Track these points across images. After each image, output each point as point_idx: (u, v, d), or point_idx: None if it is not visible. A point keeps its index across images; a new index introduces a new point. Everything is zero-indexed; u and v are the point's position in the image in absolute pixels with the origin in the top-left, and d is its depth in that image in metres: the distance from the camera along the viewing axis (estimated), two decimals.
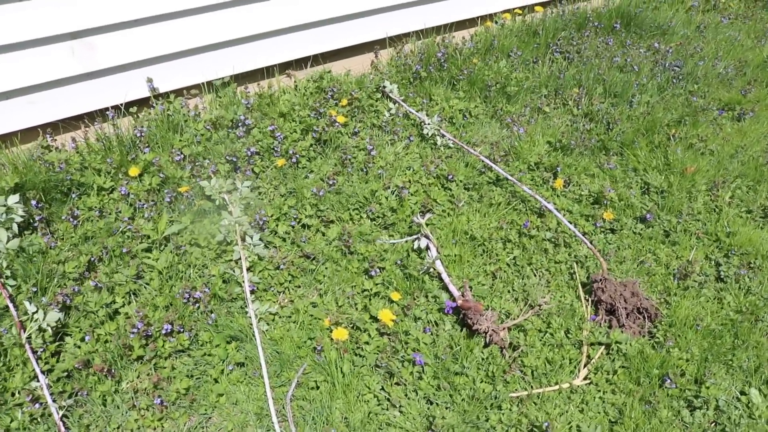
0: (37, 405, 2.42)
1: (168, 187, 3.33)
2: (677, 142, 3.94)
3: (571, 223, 3.37)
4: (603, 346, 2.80)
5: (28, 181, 3.19)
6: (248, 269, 2.97)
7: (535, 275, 3.13)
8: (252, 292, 2.89)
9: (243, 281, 2.87)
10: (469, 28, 4.84)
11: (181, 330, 2.68)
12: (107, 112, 3.54)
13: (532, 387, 2.63)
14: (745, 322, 2.92)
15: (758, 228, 3.46)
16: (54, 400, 2.45)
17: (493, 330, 2.74)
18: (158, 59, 3.62)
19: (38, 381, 2.50)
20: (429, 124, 3.79)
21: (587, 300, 3.01)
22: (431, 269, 3.01)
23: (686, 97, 4.40)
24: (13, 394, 2.47)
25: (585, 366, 2.73)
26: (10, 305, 2.68)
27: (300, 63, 4.17)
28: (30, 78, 3.29)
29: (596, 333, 2.83)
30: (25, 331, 2.60)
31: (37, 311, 2.63)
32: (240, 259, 2.96)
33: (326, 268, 3.04)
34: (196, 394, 2.52)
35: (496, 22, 4.89)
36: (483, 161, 3.56)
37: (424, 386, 2.58)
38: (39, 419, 2.42)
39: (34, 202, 3.12)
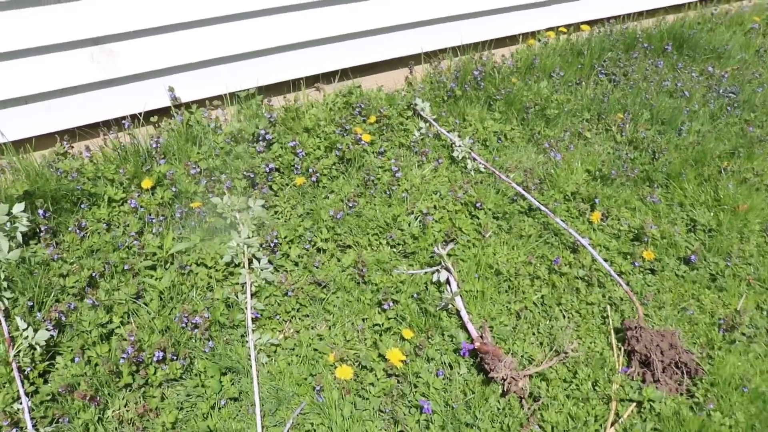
0: (14, 430, 2.27)
1: (180, 201, 3.18)
2: (729, 176, 3.64)
3: (606, 261, 3.10)
4: (634, 403, 2.53)
5: (38, 188, 3.07)
6: (254, 294, 2.80)
7: (564, 317, 2.88)
8: (255, 319, 2.71)
9: (246, 308, 2.68)
10: (509, 45, 4.61)
11: (175, 357, 2.51)
12: (123, 122, 3.41)
13: None
14: None
15: None
16: (34, 425, 2.30)
17: (512, 378, 2.50)
18: (180, 68, 3.50)
19: (21, 403, 2.35)
20: (460, 146, 3.57)
21: (620, 349, 2.75)
22: (449, 305, 2.78)
23: (741, 126, 4.09)
24: None
25: (612, 425, 2.46)
26: (2, 320, 2.55)
27: (329, 76, 4.00)
28: (48, 83, 3.19)
29: (627, 387, 2.56)
30: (13, 348, 2.47)
31: (27, 328, 2.49)
32: (246, 283, 2.78)
33: (337, 298, 2.84)
34: (183, 428, 2.34)
35: (539, 41, 4.64)
36: (515, 188, 3.32)
37: None
38: None
39: (41, 212, 3.01)
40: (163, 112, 3.60)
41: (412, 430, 2.39)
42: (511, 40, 4.58)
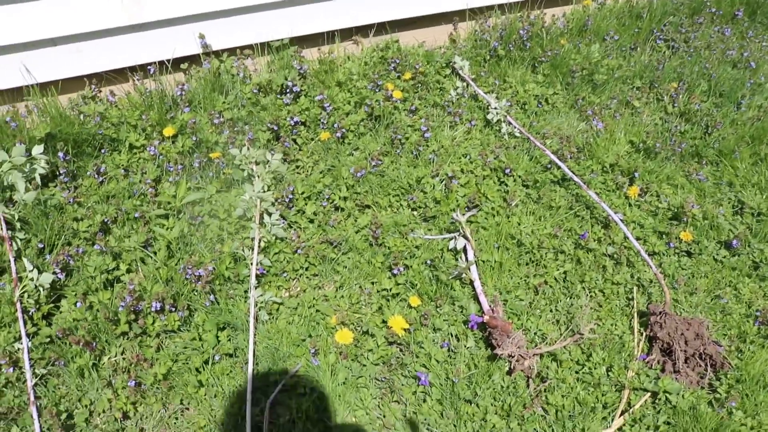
0: (12, 369, 2.28)
1: (200, 151, 3.11)
2: None
3: (639, 239, 2.91)
4: (648, 394, 2.36)
5: (60, 131, 3.05)
6: (263, 250, 2.72)
7: (586, 296, 2.71)
8: (261, 275, 2.64)
9: (251, 263, 2.61)
10: (563, 5, 4.34)
11: (173, 309, 2.46)
12: (149, 68, 3.35)
13: (552, 430, 2.25)
14: None
15: None
16: (32, 366, 2.31)
17: (520, 355, 2.37)
18: (211, 15, 3.40)
19: (21, 343, 2.36)
20: (495, 108, 3.39)
21: (641, 334, 2.57)
22: (464, 275, 2.65)
23: None
24: None
25: (621, 414, 2.31)
26: (12, 260, 2.56)
27: (367, 30, 3.84)
28: (77, 26, 3.15)
29: (643, 376, 2.40)
30: (19, 289, 2.46)
31: (33, 270, 2.48)
32: (255, 237, 2.71)
33: (348, 259, 2.75)
34: (175, 380, 2.31)
35: (596, 1, 4.36)
36: (548, 156, 3.13)
37: (426, 410, 2.26)
38: (13, 383, 2.29)
39: (61, 155, 2.99)
40: (193, 60, 3.53)
41: (407, 402, 2.29)
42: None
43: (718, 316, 2.66)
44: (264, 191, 2.86)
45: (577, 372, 2.43)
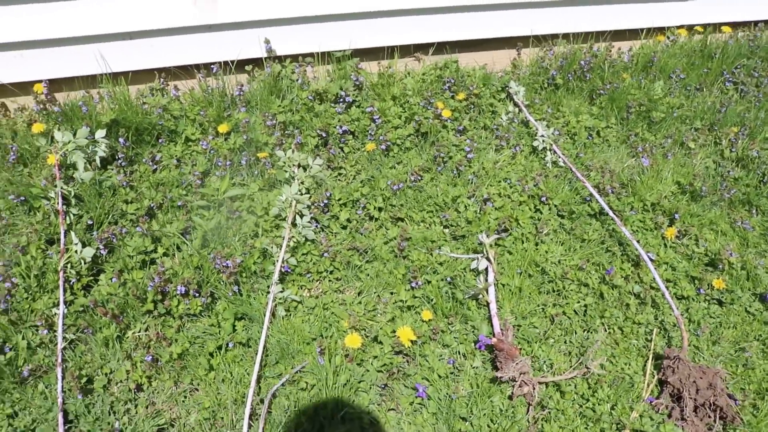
0: (46, 331, 2.47)
1: (249, 149, 3.26)
2: None
3: (669, 281, 2.86)
4: None
5: (125, 119, 3.26)
6: (293, 250, 2.83)
7: (604, 331, 2.69)
8: (286, 273, 2.75)
9: (277, 260, 2.73)
10: (630, 39, 4.29)
11: (197, 294, 2.59)
12: (212, 66, 3.53)
13: None
14: None
15: None
16: (64, 330, 2.48)
17: (523, 381, 2.38)
18: (276, 21, 3.56)
19: (58, 309, 2.54)
20: (543, 135, 3.40)
21: (653, 377, 2.53)
22: (480, 296, 2.68)
23: None
24: (34, 315, 2.53)
25: None
26: (62, 233, 2.75)
27: (427, 48, 3.92)
28: (152, 22, 3.36)
29: (646, 418, 2.36)
30: (63, 260, 2.66)
31: (77, 243, 2.67)
32: (285, 236, 2.82)
33: (372, 268, 2.82)
34: (189, 362, 2.44)
35: (668, 38, 4.29)
36: (588, 188, 3.12)
37: (420, 422, 2.30)
38: (46, 344, 2.47)
39: (122, 140, 3.19)
40: (257, 63, 3.70)
41: (403, 411, 2.34)
42: (633, 33, 4.26)
43: (739, 369, 2.59)
44: (301, 194, 2.98)
45: (580, 405, 2.41)
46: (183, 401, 2.37)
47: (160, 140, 3.31)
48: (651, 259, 2.87)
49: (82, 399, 2.29)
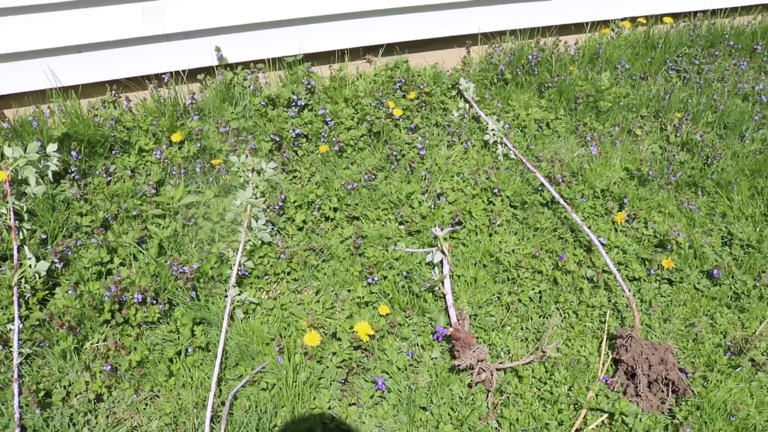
0: (1, 347, 2.45)
1: (203, 157, 3.27)
2: None
3: (621, 264, 2.93)
4: (606, 415, 2.39)
5: (76, 132, 3.26)
6: (249, 253, 2.84)
7: (559, 316, 2.75)
8: (243, 277, 2.77)
9: (234, 264, 2.74)
10: (576, 33, 4.39)
11: (155, 302, 2.60)
12: (163, 77, 3.54)
13: None
14: None
15: None
16: (20, 346, 2.46)
17: (480, 368, 2.43)
18: (226, 29, 3.59)
19: (14, 324, 2.52)
20: (493, 129, 3.46)
21: (608, 356, 2.59)
22: (436, 287, 2.72)
23: None
24: None
25: None
26: (15, 248, 2.74)
27: (377, 50, 3.97)
28: (101, 35, 3.37)
29: (602, 397, 2.42)
30: (17, 275, 2.64)
31: (31, 258, 2.66)
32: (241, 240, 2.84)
33: (329, 266, 2.85)
34: (149, 369, 2.44)
35: (613, 30, 4.40)
36: (539, 178, 3.18)
37: (381, 414, 2.33)
38: (1, 361, 2.44)
39: (74, 154, 3.18)
40: (210, 71, 3.71)
41: (364, 405, 2.37)
42: (578, 27, 4.36)
43: (689, 343, 2.66)
44: (256, 197, 2.99)
45: (539, 389, 2.46)
46: (144, 409, 2.37)
47: (113, 152, 3.30)
48: (602, 244, 2.94)
49: (41, 413, 2.28)
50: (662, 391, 2.45)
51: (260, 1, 3.52)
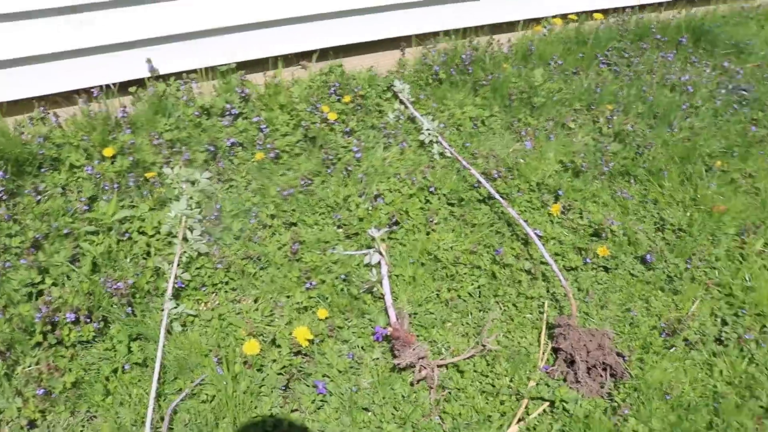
0: None
1: (136, 170, 3.22)
2: (715, 176, 3.42)
3: (557, 255, 2.97)
4: (547, 403, 2.41)
5: (2, 151, 3.16)
6: (186, 265, 2.80)
7: (500, 310, 2.77)
8: (181, 289, 2.73)
9: (170, 277, 2.70)
10: (509, 31, 4.45)
11: (89, 320, 2.54)
12: (92, 90, 3.47)
13: None
14: (732, 398, 2.45)
15: None
16: None
17: (422, 365, 2.43)
18: (157, 40, 3.52)
19: None
20: (428, 129, 3.48)
21: (547, 346, 2.62)
22: (375, 288, 2.72)
23: (745, 125, 3.83)
24: None
25: (518, 422, 2.36)
26: None
27: (311, 55, 3.95)
28: (25, 50, 3.27)
29: (542, 386, 2.45)
30: None
31: None
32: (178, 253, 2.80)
33: (267, 274, 2.83)
34: (85, 389, 2.38)
35: (545, 27, 4.47)
36: (475, 175, 3.21)
37: (323, 418, 2.32)
38: None
39: (1, 173, 3.09)
40: (141, 83, 3.65)
41: (306, 410, 2.35)
42: (510, 26, 4.42)
43: (626, 328, 2.71)
44: (191, 209, 2.96)
45: (480, 382, 2.48)
46: (81, 431, 2.31)
47: (42, 170, 3.22)
48: (539, 236, 2.98)
49: None
50: (601, 376, 2.49)
51: (190, 10, 3.48)
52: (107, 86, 3.54)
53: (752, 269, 2.96)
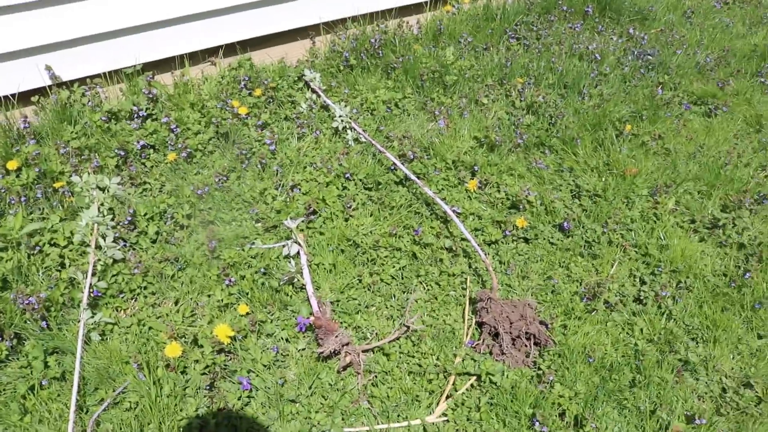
0: None
1: (44, 182, 3.10)
2: (625, 140, 3.50)
3: (477, 230, 3.00)
4: (474, 377, 2.44)
5: None
6: (101, 273, 2.72)
7: (423, 290, 2.78)
8: (97, 298, 2.65)
9: (84, 286, 2.61)
10: (417, 13, 4.46)
11: (0, 339, 2.44)
12: None
13: (378, 421, 2.30)
14: (653, 354, 2.51)
15: (698, 241, 3.02)
16: None
17: (346, 352, 2.42)
18: (55, 46, 3.40)
19: None
20: (341, 116, 3.46)
21: (471, 321, 2.65)
22: (296, 279, 2.70)
23: (652, 89, 3.94)
24: None
25: (446, 399, 2.38)
26: None
27: (217, 51, 3.88)
28: None
29: (469, 361, 2.47)
30: None
31: None
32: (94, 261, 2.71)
33: (186, 274, 2.77)
34: (0, 410, 2.29)
35: (454, 6, 4.49)
36: (390, 158, 3.21)
37: (251, 414, 2.29)
38: None
39: None
40: (43, 92, 3.52)
41: (233, 407, 2.32)
42: (418, 7, 4.43)
43: (548, 296, 2.76)
44: (103, 215, 2.87)
45: (407, 363, 2.48)
46: None
47: None
48: (457, 213, 3.00)
49: None
50: (525, 346, 2.53)
51: (88, 12, 3.36)
52: (5, 97, 3.40)
53: (666, 227, 3.04)
